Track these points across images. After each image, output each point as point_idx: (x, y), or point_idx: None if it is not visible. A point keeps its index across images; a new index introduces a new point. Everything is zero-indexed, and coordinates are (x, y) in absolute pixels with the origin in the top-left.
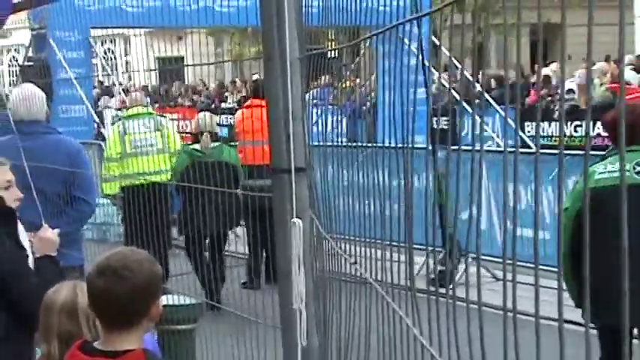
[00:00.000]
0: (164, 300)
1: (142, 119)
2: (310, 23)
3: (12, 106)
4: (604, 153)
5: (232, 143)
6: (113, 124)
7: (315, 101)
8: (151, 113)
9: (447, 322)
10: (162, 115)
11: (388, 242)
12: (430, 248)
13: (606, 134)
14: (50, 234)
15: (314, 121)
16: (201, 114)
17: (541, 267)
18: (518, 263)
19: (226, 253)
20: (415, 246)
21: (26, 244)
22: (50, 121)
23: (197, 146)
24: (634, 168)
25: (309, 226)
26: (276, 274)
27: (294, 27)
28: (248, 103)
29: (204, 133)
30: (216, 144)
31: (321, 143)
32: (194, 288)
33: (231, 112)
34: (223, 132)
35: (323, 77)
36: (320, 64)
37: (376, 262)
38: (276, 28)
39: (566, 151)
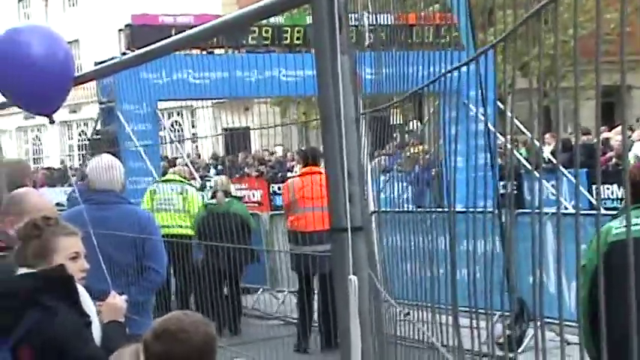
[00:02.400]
0: None
1: (172, 184)
2: (369, 91)
3: (91, 175)
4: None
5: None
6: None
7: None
8: (182, 181)
9: None
10: (190, 184)
11: (448, 306)
12: (498, 313)
13: None
14: (117, 300)
15: (381, 187)
16: (217, 177)
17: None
18: None
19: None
20: (480, 311)
21: (91, 311)
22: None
23: (213, 201)
24: None
25: (367, 285)
26: (329, 339)
27: (350, 88)
28: (301, 171)
29: (219, 191)
30: (228, 199)
31: (388, 209)
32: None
33: None
34: None
35: (388, 145)
36: (385, 131)
37: (440, 327)
38: (332, 89)
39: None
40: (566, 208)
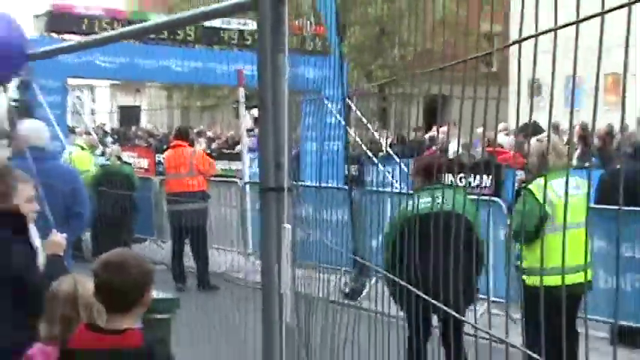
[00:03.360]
0: None
1: (69, 148)
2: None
3: (29, 133)
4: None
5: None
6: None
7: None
8: (78, 145)
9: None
10: (79, 146)
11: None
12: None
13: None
14: (59, 237)
15: (249, 165)
16: (113, 146)
17: None
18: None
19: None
20: (331, 267)
21: (38, 245)
22: None
23: (108, 162)
24: (434, 200)
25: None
26: (202, 280)
27: (284, 80)
28: (173, 144)
29: (113, 156)
30: (119, 163)
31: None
32: None
33: None
34: None
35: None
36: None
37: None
38: (270, 78)
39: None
40: (397, 189)
